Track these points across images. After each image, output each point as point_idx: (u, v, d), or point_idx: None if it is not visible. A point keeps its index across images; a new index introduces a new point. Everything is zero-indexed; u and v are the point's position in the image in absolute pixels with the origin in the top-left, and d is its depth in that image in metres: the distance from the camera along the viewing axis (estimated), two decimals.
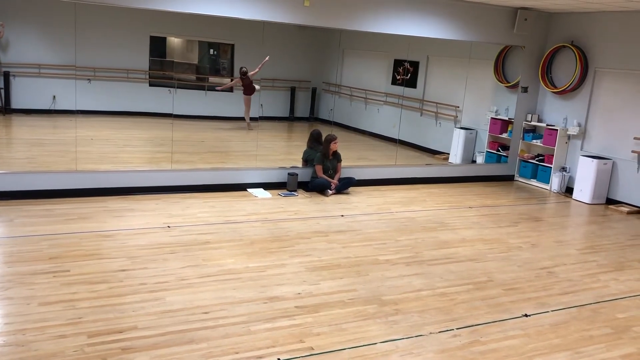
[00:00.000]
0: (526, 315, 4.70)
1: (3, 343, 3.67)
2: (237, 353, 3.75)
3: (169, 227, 6.21)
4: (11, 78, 10.13)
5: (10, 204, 6.55)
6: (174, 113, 9.27)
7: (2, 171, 7.20)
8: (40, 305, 4.19)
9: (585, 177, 9.00)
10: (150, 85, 11.32)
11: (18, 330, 3.83)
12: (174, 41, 11.76)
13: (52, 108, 10.28)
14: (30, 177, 7.00)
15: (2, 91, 10.12)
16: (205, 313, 4.27)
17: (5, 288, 4.45)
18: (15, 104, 10.31)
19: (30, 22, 10.30)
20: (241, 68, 10.69)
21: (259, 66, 10.42)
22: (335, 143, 8.24)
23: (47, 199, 6.83)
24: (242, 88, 10.73)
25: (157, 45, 11.50)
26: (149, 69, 11.34)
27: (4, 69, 10.10)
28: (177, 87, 10.36)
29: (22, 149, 9.26)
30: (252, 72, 10.45)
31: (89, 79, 10.15)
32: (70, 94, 8.55)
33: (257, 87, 10.71)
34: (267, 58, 10.53)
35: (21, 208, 6.47)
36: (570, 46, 9.40)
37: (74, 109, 8.49)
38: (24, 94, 10.31)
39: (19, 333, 3.79)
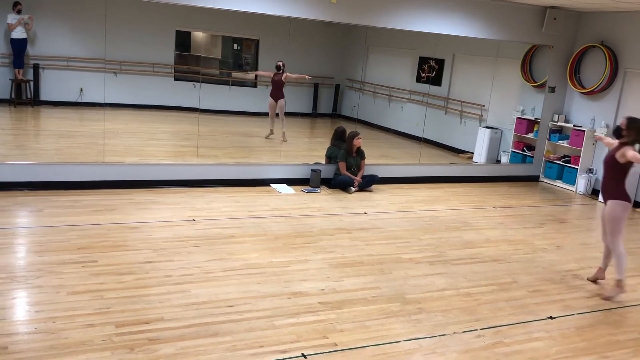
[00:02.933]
0: (551, 318, 4.66)
1: (34, 330, 3.75)
2: (261, 347, 3.78)
3: (194, 220, 6.27)
4: (40, 70, 10.31)
5: (39, 194, 6.68)
6: (201, 107, 9.35)
7: (31, 162, 7.35)
8: (69, 295, 4.27)
9: None
10: (176, 79, 11.43)
11: (48, 318, 3.91)
12: (199, 36, 11.85)
13: (79, 100, 10.44)
14: (58, 168, 7.12)
15: (32, 83, 10.32)
16: (230, 306, 4.31)
17: (36, 277, 4.55)
18: (44, 95, 10.50)
19: (59, 16, 10.47)
20: (277, 62, 10.37)
21: (296, 76, 10.33)
22: (358, 139, 8.23)
23: (74, 190, 6.94)
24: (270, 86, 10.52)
25: (183, 40, 11.60)
26: (175, 63, 11.45)
27: (33, 62, 10.29)
28: (202, 82, 10.44)
29: (50, 141, 9.42)
30: (288, 75, 10.23)
31: (115, 72, 10.29)
32: (96, 87, 8.68)
33: (283, 100, 10.35)
34: (307, 77, 10.45)
35: (49, 199, 6.58)
36: (600, 46, 9.25)
37: (100, 101, 8.61)
38: (52, 86, 10.49)
39: (49, 321, 3.87)
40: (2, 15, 9.94)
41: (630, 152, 4.87)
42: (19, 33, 10.02)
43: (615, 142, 5.15)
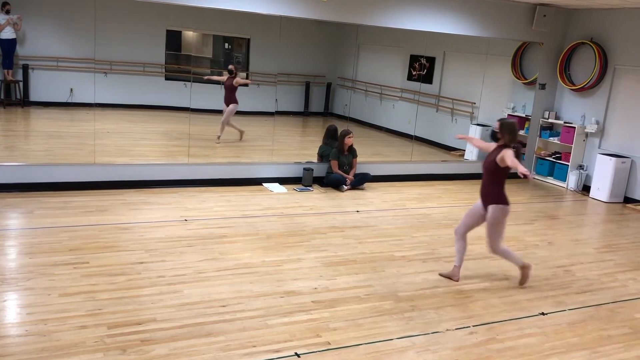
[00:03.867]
0: (543, 314, 4.69)
1: (25, 333, 3.72)
2: (254, 347, 3.78)
3: (185, 220, 6.25)
4: (30, 71, 10.23)
5: (30, 196, 6.63)
6: (192, 107, 9.31)
7: (21, 163, 7.29)
8: (61, 296, 4.25)
9: (603, 176, 8.91)
10: (167, 79, 11.36)
11: (40, 320, 3.88)
12: (190, 35, 11.79)
13: (69, 101, 10.37)
14: (48, 169, 7.07)
15: (21, 84, 10.24)
16: (223, 306, 4.30)
17: (27, 279, 4.52)
18: (33, 96, 10.42)
19: (48, 16, 10.39)
20: (229, 65, 10.15)
21: (244, 81, 10.06)
22: (349, 137, 8.23)
23: (65, 191, 6.90)
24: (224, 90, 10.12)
25: (173, 39, 11.54)
26: (165, 63, 11.39)
27: (23, 62, 10.21)
28: (193, 81, 10.41)
29: (40, 141, 9.36)
30: (239, 80, 10.03)
31: (105, 73, 10.22)
32: (86, 87, 8.62)
33: (235, 104, 9.94)
34: (249, 84, 10.20)
35: (40, 200, 6.54)
36: (589, 43, 9.30)
37: (90, 102, 8.55)
38: (41, 86, 10.41)
39: (41, 323, 3.84)
40: None
41: (509, 159, 4.81)
42: (7, 33, 9.93)
43: (491, 145, 5.10)
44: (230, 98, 10.09)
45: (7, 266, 4.77)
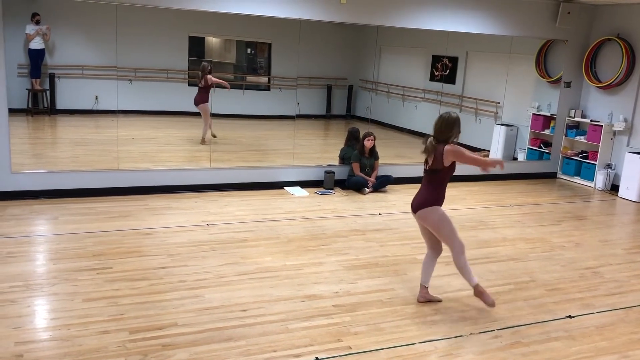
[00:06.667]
0: (570, 317, 4.57)
1: (49, 337, 3.77)
2: (274, 351, 3.76)
3: (207, 225, 6.28)
4: (56, 79, 10.41)
5: (55, 202, 6.74)
6: (213, 112, 9.36)
7: (48, 170, 7.42)
8: (84, 302, 4.30)
9: (632, 174, 8.70)
10: (190, 85, 11.45)
11: (63, 325, 3.93)
12: (212, 41, 11.88)
13: (94, 108, 10.53)
14: (73, 176, 7.18)
15: (48, 92, 10.43)
16: (244, 311, 4.29)
17: (51, 284, 4.58)
18: (60, 104, 10.60)
19: (74, 25, 10.56)
20: (202, 63, 9.89)
21: (219, 81, 9.98)
22: (368, 140, 8.17)
23: (90, 197, 7.00)
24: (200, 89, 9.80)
25: (196, 45, 11.64)
26: (188, 69, 11.49)
27: (49, 71, 10.40)
28: (216, 86, 10.46)
29: (66, 149, 9.52)
30: (212, 77, 9.86)
31: (130, 80, 10.35)
32: (112, 95, 8.75)
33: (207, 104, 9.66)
34: (228, 87, 10.07)
35: (65, 206, 6.64)
36: (616, 39, 9.10)
37: (115, 109, 8.68)
38: (67, 94, 10.58)
39: (64, 328, 3.89)
40: (21, 25, 10.07)
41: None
42: (37, 43, 10.12)
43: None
44: (203, 98, 9.79)
45: (32, 272, 4.84)
